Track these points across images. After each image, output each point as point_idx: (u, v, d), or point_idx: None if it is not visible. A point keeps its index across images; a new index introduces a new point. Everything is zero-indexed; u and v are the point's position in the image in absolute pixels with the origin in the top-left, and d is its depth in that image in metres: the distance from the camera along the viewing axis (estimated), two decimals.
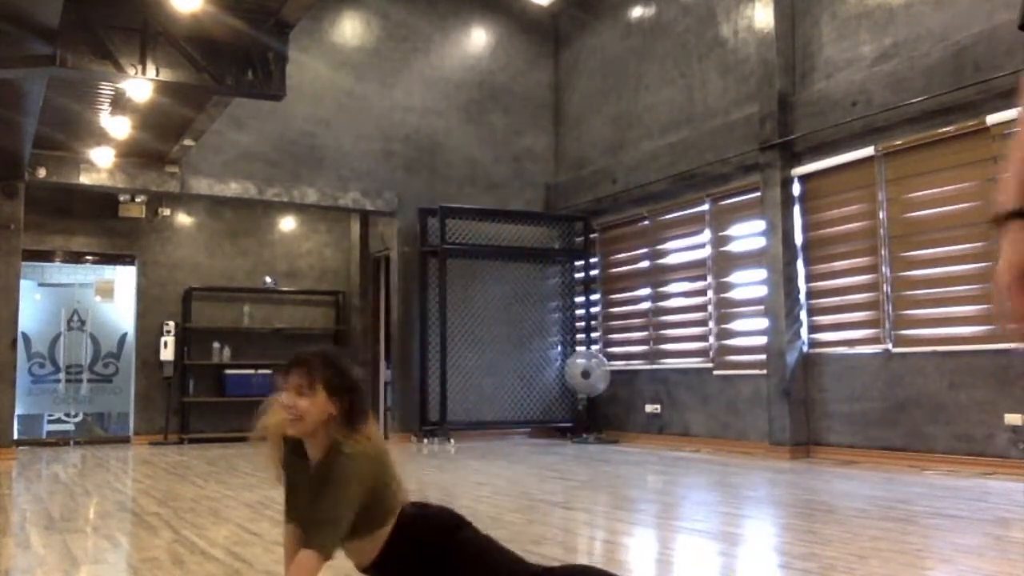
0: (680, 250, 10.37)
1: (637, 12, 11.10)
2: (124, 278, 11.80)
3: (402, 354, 11.31)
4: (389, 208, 11.40)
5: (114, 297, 11.86)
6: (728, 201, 9.65)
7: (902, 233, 7.74)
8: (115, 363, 11.80)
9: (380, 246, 12.33)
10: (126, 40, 6.70)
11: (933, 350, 7.39)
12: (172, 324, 11.48)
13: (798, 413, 8.40)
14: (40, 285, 11.59)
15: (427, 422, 10.92)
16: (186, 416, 11.47)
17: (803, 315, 8.61)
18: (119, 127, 8.55)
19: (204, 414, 11.51)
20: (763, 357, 8.85)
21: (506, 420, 11.24)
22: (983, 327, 7.07)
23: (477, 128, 11.99)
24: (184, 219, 12.02)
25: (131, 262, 11.69)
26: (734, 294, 9.65)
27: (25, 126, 7.63)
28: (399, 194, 11.39)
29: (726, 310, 9.65)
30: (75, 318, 11.70)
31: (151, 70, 6.79)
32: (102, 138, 9.15)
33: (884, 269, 7.85)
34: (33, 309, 11.24)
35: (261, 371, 11.56)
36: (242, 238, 12.33)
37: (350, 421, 2.34)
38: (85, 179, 10.05)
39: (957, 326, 7.28)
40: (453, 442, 10.55)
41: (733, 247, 9.66)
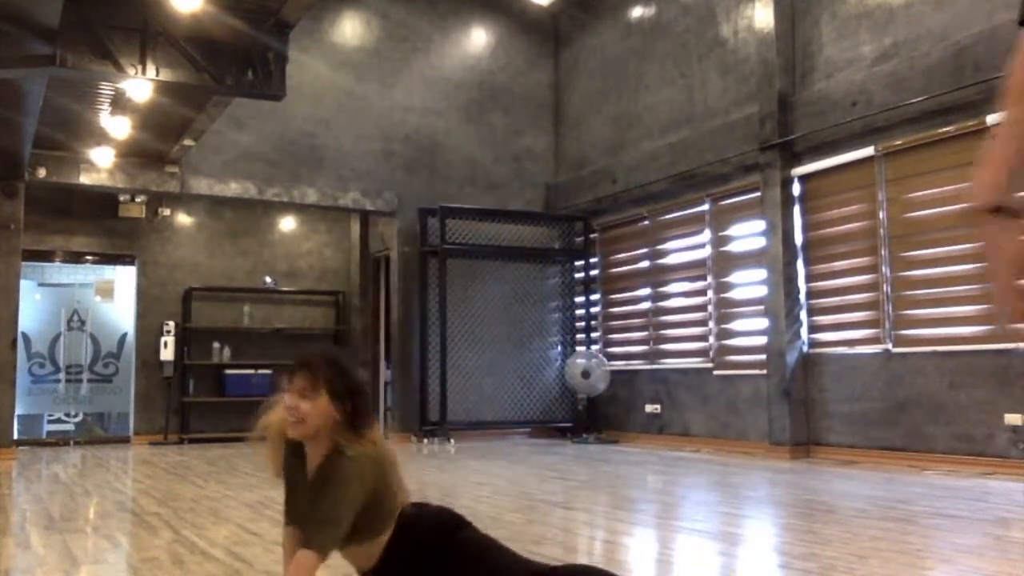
0: (680, 250, 10.37)
1: (637, 12, 11.10)
2: (124, 278, 11.80)
3: (402, 354, 11.31)
4: (389, 208, 11.41)
5: (114, 297, 11.86)
6: (728, 201, 9.65)
7: (902, 233, 7.74)
8: (115, 363, 11.80)
9: (380, 246, 12.33)
10: (126, 40, 6.70)
11: (933, 350, 7.39)
12: (172, 324, 11.48)
13: (798, 413, 8.40)
14: (40, 285, 11.59)
15: (427, 422, 10.92)
16: (186, 416, 11.47)
17: (803, 315, 8.61)
18: (119, 127, 8.55)
19: (204, 414, 11.51)
20: (763, 357, 8.85)
21: (506, 420, 11.24)
22: (983, 327, 7.07)
23: (477, 128, 11.99)
24: (184, 219, 12.02)
25: (131, 262, 11.69)
26: (734, 294, 9.65)
27: (25, 126, 7.63)
28: (399, 194, 11.39)
29: (726, 310, 9.65)
30: (75, 318, 11.71)
31: (151, 70, 6.79)
32: (102, 138, 9.15)
33: (884, 269, 7.85)
34: (33, 309, 11.24)
35: (261, 371, 11.57)
36: (242, 238, 12.33)
37: (354, 425, 2.34)
38: (85, 179, 10.06)
39: (957, 326, 7.28)
40: (453, 442, 10.55)
41: (733, 247, 9.66)
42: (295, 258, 12.64)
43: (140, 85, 7.06)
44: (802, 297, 8.63)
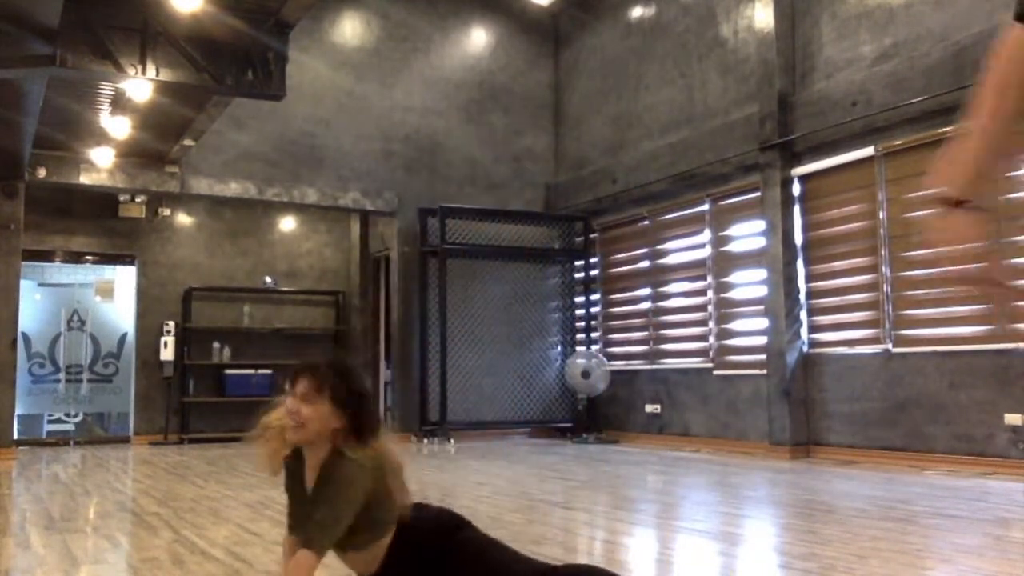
0: (680, 250, 10.37)
1: (637, 12, 11.10)
2: (124, 278, 11.80)
3: (402, 354, 11.31)
4: (389, 208, 11.40)
5: (114, 297, 11.86)
6: (728, 201, 9.65)
7: (902, 233, 7.74)
8: (115, 363, 11.80)
9: (380, 246, 12.33)
10: (126, 40, 6.71)
11: (933, 350, 7.39)
12: (172, 324, 11.48)
13: (798, 413, 8.40)
14: (40, 285, 11.59)
15: (427, 422, 10.92)
16: (186, 416, 11.47)
17: (803, 315, 8.60)
18: (119, 127, 8.55)
19: (204, 414, 11.50)
20: (763, 357, 8.85)
21: (506, 420, 11.24)
22: (983, 327, 7.07)
23: (477, 128, 11.98)
24: (184, 219, 12.02)
25: (131, 262, 11.69)
26: (734, 294, 9.65)
27: (25, 126, 7.63)
28: (399, 194, 11.39)
29: (726, 310, 9.65)
30: (75, 318, 11.70)
31: (151, 70, 6.79)
32: (102, 138, 9.15)
33: (884, 269, 7.84)
34: (33, 309, 11.24)
35: (261, 371, 11.57)
36: (242, 238, 12.33)
37: (358, 435, 2.33)
38: (85, 179, 10.05)
39: (957, 326, 7.28)
40: (453, 442, 10.55)
41: (733, 247, 9.65)
42: (295, 258, 12.64)
43: (140, 85, 7.06)
44: (802, 297, 8.63)
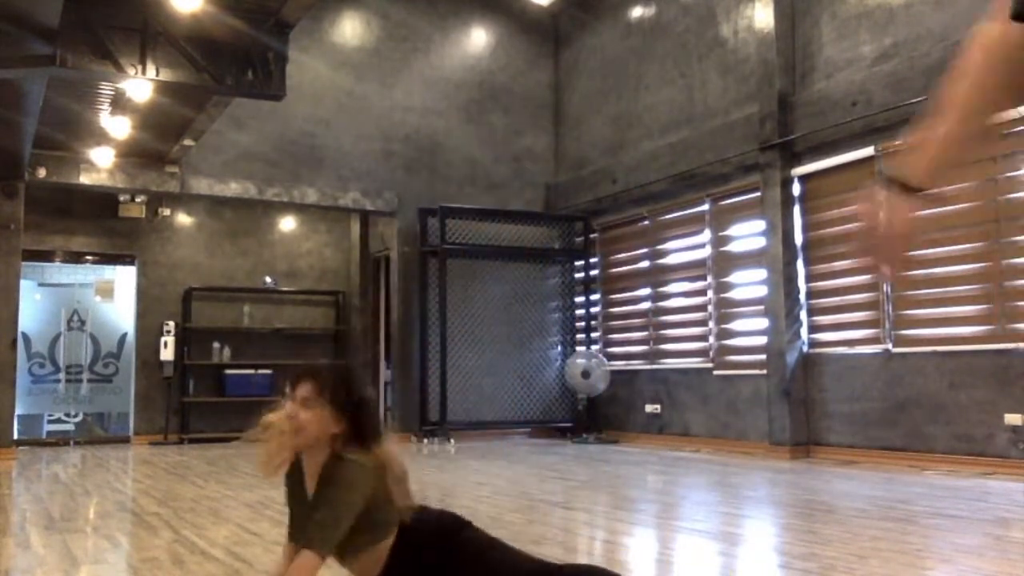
0: (680, 250, 10.37)
1: (637, 12, 11.10)
2: (124, 278, 11.80)
3: (402, 354, 11.31)
4: (389, 208, 11.40)
5: (114, 297, 11.86)
6: (728, 201, 9.65)
7: None
8: (115, 363, 11.80)
9: (380, 246, 12.33)
10: (126, 40, 6.70)
11: (933, 350, 7.39)
12: (172, 324, 11.48)
13: (798, 413, 8.40)
14: (40, 285, 11.59)
15: (427, 422, 10.92)
16: (186, 416, 11.47)
17: (803, 315, 8.60)
18: (119, 127, 8.55)
19: (204, 414, 11.50)
20: (763, 357, 8.85)
21: (506, 420, 11.24)
22: (983, 327, 7.08)
23: (477, 128, 11.98)
24: (184, 219, 12.02)
25: (131, 262, 11.68)
26: (734, 294, 9.65)
27: (25, 126, 7.63)
28: (399, 194, 11.39)
29: (726, 310, 9.65)
30: (75, 318, 11.70)
31: (151, 70, 6.79)
32: (102, 138, 9.15)
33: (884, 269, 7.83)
34: (33, 309, 11.24)
35: (261, 371, 11.57)
36: (242, 238, 12.33)
37: (359, 440, 2.33)
38: (85, 179, 10.05)
39: (957, 326, 7.29)
40: (453, 442, 10.54)
41: (733, 247, 9.65)
42: (295, 258, 12.64)
43: (140, 85, 7.06)
44: (802, 297, 8.63)
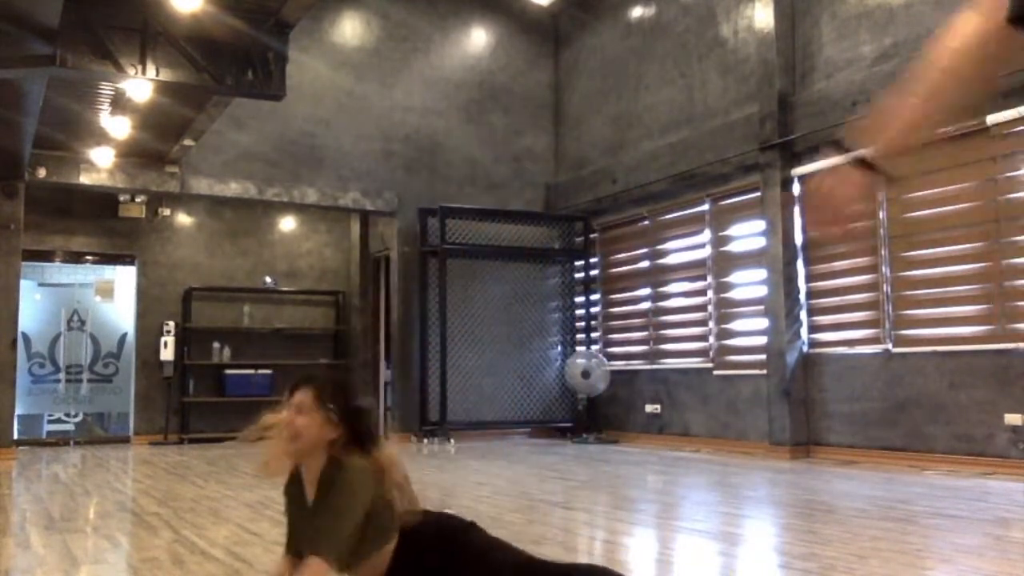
0: (680, 250, 10.37)
1: (637, 12, 11.10)
2: (124, 278, 11.80)
3: (402, 354, 11.31)
4: (389, 208, 11.40)
5: (114, 297, 11.86)
6: (728, 201, 9.65)
7: (902, 233, 7.73)
8: (115, 363, 11.80)
9: (380, 246, 12.32)
10: (126, 40, 6.70)
11: (933, 350, 7.39)
12: (172, 324, 11.48)
13: (798, 413, 8.40)
14: (40, 285, 11.59)
15: (427, 422, 10.92)
16: (186, 416, 11.47)
17: (803, 315, 8.60)
18: (119, 127, 8.54)
19: (204, 414, 11.50)
20: (763, 357, 8.85)
21: (506, 420, 11.24)
22: (983, 327, 7.08)
23: (477, 128, 11.98)
24: (184, 219, 12.02)
25: (131, 262, 11.68)
26: (734, 294, 9.65)
27: (25, 126, 7.63)
28: (399, 194, 11.39)
29: (726, 310, 9.65)
30: (75, 318, 11.70)
31: (151, 70, 6.79)
32: (102, 138, 9.15)
33: (884, 269, 7.84)
34: (33, 309, 11.24)
35: (261, 371, 11.58)
36: (242, 238, 12.33)
37: (358, 446, 2.33)
38: (85, 179, 10.05)
39: (957, 326, 7.29)
40: (453, 442, 10.54)
41: (733, 247, 9.65)
42: (295, 258, 12.64)
43: (140, 85, 7.06)
44: (802, 297, 8.63)
